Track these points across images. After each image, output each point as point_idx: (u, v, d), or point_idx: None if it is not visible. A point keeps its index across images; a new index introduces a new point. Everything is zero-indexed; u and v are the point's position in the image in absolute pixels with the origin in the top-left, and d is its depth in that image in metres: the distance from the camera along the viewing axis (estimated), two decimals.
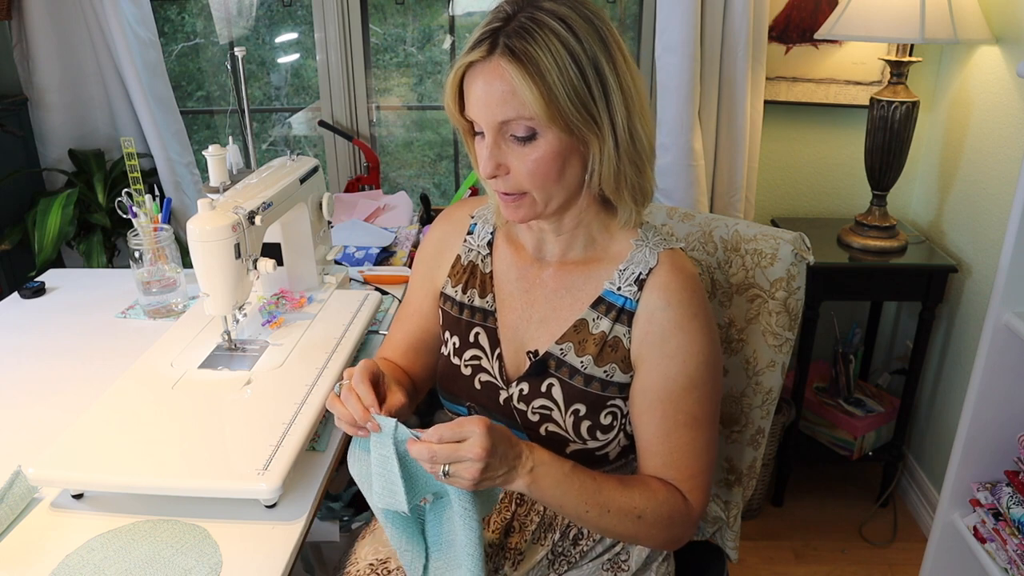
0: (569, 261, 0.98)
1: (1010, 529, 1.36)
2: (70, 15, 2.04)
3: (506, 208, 0.91)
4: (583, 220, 0.95)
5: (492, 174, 0.87)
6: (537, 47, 0.80)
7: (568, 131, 0.84)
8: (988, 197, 1.81)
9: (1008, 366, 1.37)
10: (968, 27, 1.69)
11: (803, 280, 1.09)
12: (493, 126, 0.85)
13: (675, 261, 0.93)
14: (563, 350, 0.96)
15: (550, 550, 1.02)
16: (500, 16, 0.84)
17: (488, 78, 0.83)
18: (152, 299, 1.43)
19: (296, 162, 1.37)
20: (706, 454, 0.95)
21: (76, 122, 2.15)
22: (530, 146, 0.85)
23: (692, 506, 0.94)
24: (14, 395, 1.19)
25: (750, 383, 1.12)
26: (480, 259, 1.04)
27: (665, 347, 0.91)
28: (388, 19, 2.38)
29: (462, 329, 1.03)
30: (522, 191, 0.88)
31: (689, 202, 2.00)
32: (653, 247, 0.94)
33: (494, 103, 0.83)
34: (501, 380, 1.00)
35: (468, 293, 1.04)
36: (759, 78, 1.96)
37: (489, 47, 0.82)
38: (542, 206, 0.89)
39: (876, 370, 2.34)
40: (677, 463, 0.93)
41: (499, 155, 0.86)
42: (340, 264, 1.60)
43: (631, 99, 0.85)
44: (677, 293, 0.91)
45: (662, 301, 0.91)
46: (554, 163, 0.85)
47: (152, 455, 0.96)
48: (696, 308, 0.91)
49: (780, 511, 2.16)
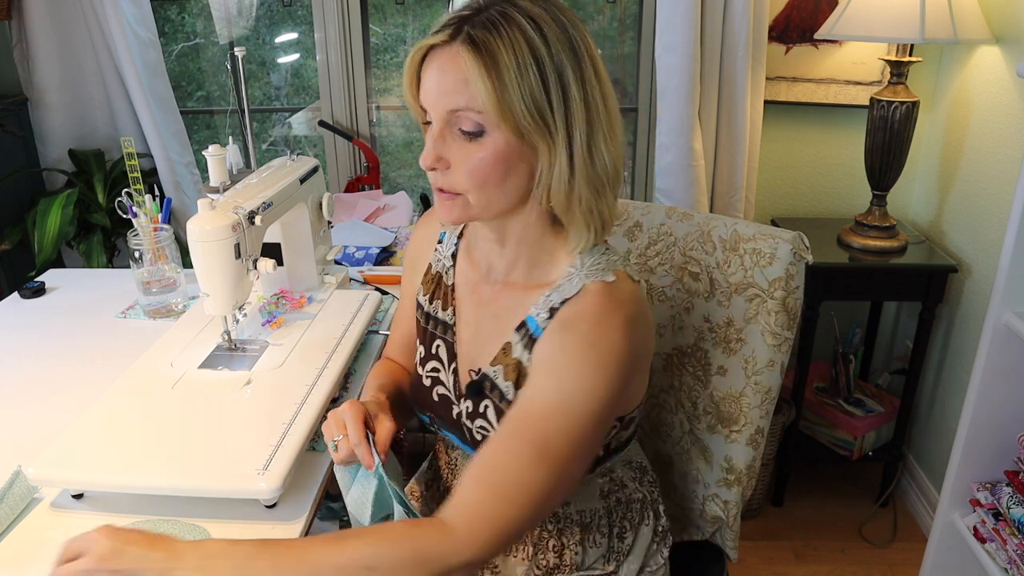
0: (511, 281, 0.93)
1: (1010, 529, 1.36)
2: (70, 15, 2.04)
3: (440, 206, 0.87)
4: (526, 237, 0.89)
5: (431, 166, 0.83)
6: (500, 41, 0.77)
7: (518, 134, 0.79)
8: (988, 197, 1.81)
9: (1008, 366, 1.37)
10: (968, 27, 1.69)
11: (802, 279, 1.09)
12: (441, 115, 0.81)
13: (598, 291, 0.85)
14: (495, 372, 0.92)
15: (531, 566, 0.99)
16: (472, 6, 0.81)
17: (444, 64, 0.80)
18: (152, 299, 1.43)
19: (296, 162, 1.37)
20: (527, 491, 0.78)
21: (76, 122, 2.15)
22: (476, 143, 0.81)
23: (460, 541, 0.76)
24: (14, 395, 1.19)
25: (749, 383, 1.12)
26: (445, 270, 1.02)
27: (545, 365, 0.84)
28: (388, 19, 2.38)
29: (427, 340, 1.02)
30: (458, 191, 0.84)
31: (689, 202, 2.00)
32: (583, 277, 0.86)
33: (446, 90, 0.80)
34: (454, 395, 0.98)
35: (434, 304, 1.02)
36: (759, 78, 1.96)
37: (452, 33, 0.79)
38: (478, 209, 0.85)
39: (876, 370, 2.34)
40: (483, 477, 0.80)
41: (443, 147, 0.82)
42: (340, 264, 1.60)
43: (595, 115, 0.81)
44: (580, 322, 0.83)
45: (559, 325, 0.85)
46: (497, 166, 0.81)
47: (152, 455, 0.96)
48: (596, 338, 0.82)
49: (780, 511, 2.16)
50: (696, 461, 1.20)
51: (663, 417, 1.23)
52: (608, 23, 2.32)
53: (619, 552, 1.02)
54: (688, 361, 1.18)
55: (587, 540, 1.00)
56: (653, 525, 1.06)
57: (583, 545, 1.00)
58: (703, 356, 1.16)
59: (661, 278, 1.20)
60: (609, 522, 1.01)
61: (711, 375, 1.15)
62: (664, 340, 1.21)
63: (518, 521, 0.78)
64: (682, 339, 1.18)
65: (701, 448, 1.19)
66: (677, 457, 1.23)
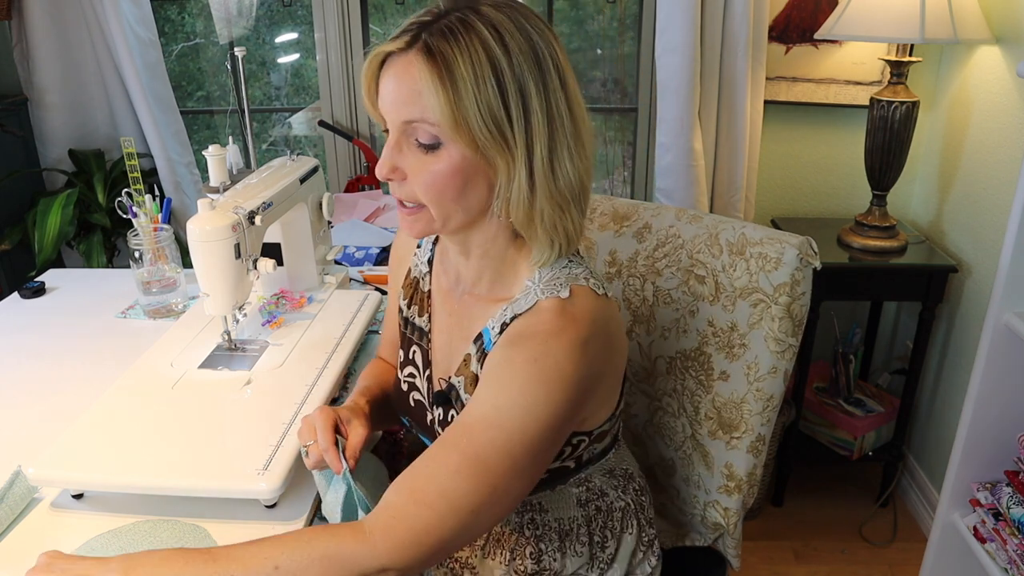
0: (476, 294, 0.92)
1: (1010, 529, 1.36)
2: (70, 15, 2.04)
3: (402, 220, 0.85)
4: (489, 251, 0.87)
5: (387, 176, 0.81)
6: (457, 51, 0.74)
7: (475, 148, 0.76)
8: (988, 197, 1.81)
9: (1008, 366, 1.37)
10: (968, 27, 1.69)
11: (809, 286, 1.07)
12: (397, 125, 0.79)
13: (549, 310, 0.82)
14: (459, 383, 0.91)
15: (508, 569, 0.97)
16: (433, 11, 0.78)
17: (399, 73, 0.77)
18: (152, 299, 1.43)
19: (296, 162, 1.37)
20: (450, 499, 0.75)
21: (76, 122, 2.15)
22: (432, 155, 0.78)
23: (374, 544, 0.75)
24: (14, 395, 1.19)
25: (751, 389, 1.11)
26: (422, 276, 1.01)
27: (488, 378, 0.82)
28: (388, 19, 2.38)
29: (405, 345, 1.02)
30: (417, 203, 0.82)
31: (689, 202, 2.00)
32: (538, 292, 0.83)
33: (400, 101, 0.77)
34: (427, 401, 0.98)
35: (412, 309, 1.01)
36: (759, 78, 1.96)
37: (409, 40, 0.76)
38: (439, 223, 0.82)
39: (876, 370, 2.34)
40: (407, 483, 0.78)
41: (399, 158, 0.80)
42: (340, 264, 1.60)
43: (558, 130, 0.78)
44: (528, 339, 0.80)
45: (507, 340, 0.83)
46: (453, 179, 0.78)
47: (152, 455, 0.96)
48: (540, 356, 0.78)
49: (780, 511, 2.16)
50: (697, 466, 1.19)
51: (666, 421, 1.23)
52: (608, 23, 2.32)
53: (602, 561, 1.01)
54: (691, 365, 1.18)
55: (567, 547, 0.98)
56: (637, 534, 1.03)
57: (562, 552, 0.98)
58: (706, 360, 1.15)
59: (667, 280, 1.19)
60: (589, 530, 0.99)
61: (713, 380, 1.14)
62: (668, 343, 1.20)
63: (439, 530, 0.75)
64: (686, 342, 1.17)
65: (702, 453, 1.18)
66: (680, 461, 1.22)
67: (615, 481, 1.02)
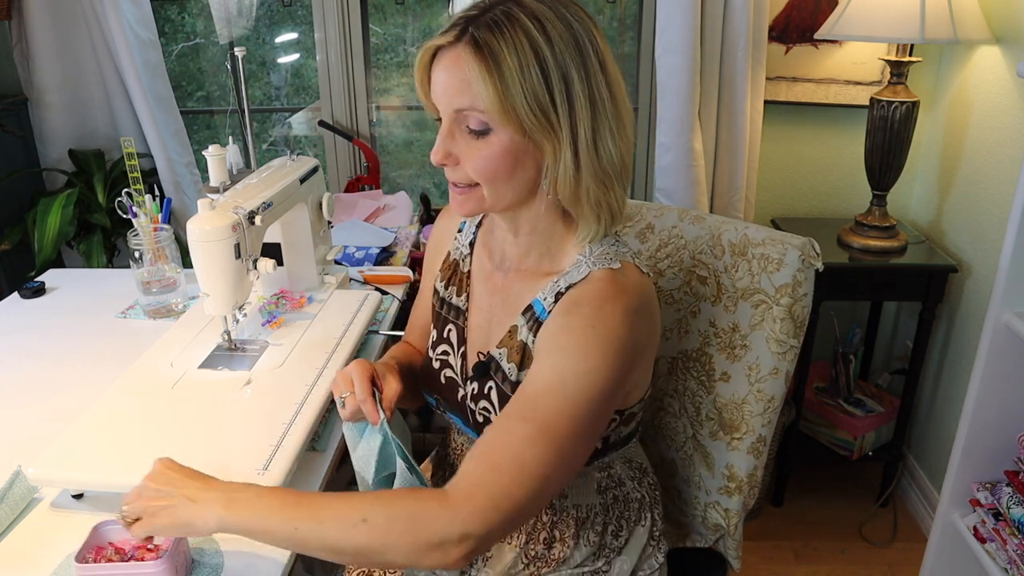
0: (524, 269, 0.96)
1: (1010, 529, 1.36)
2: (70, 15, 2.04)
3: (453, 200, 0.90)
4: (538, 227, 0.92)
5: (441, 162, 0.87)
6: (503, 43, 0.79)
7: (522, 132, 0.82)
8: (988, 197, 1.81)
9: (1008, 366, 1.37)
10: (968, 27, 1.69)
11: (810, 287, 1.07)
12: (449, 113, 0.84)
13: (602, 278, 0.87)
14: (501, 355, 0.95)
15: (521, 552, 1.00)
16: (478, 6, 0.83)
17: (449, 65, 0.82)
18: (152, 299, 1.43)
19: (296, 162, 1.37)
20: (525, 467, 0.79)
21: (76, 122, 2.15)
22: (483, 140, 0.83)
23: (453, 511, 0.77)
24: (14, 395, 1.19)
25: (752, 390, 1.11)
26: (462, 258, 1.05)
27: (546, 345, 0.87)
28: (388, 19, 2.38)
29: (440, 324, 1.06)
30: (471, 183, 0.87)
31: (689, 202, 2.00)
32: (590, 264, 0.89)
33: (451, 91, 0.82)
34: (460, 377, 1.01)
35: (449, 290, 1.06)
36: (759, 78, 1.96)
37: (457, 34, 0.81)
38: (490, 202, 0.88)
39: (876, 370, 2.34)
40: (483, 453, 0.81)
41: (451, 144, 0.85)
42: (340, 264, 1.60)
43: (600, 112, 0.83)
44: (584, 305, 0.86)
45: (563, 308, 0.88)
46: (504, 162, 0.84)
47: (152, 455, 0.95)
48: (597, 321, 0.84)
49: (780, 511, 2.16)
50: (698, 467, 1.19)
51: (667, 421, 1.23)
52: (608, 23, 2.32)
53: (611, 549, 1.03)
54: (692, 366, 1.18)
55: (581, 536, 1.01)
56: (649, 527, 1.06)
57: (575, 540, 1.00)
58: (707, 361, 1.15)
59: (669, 281, 1.19)
60: (605, 519, 1.02)
61: (715, 381, 1.15)
62: (670, 343, 1.20)
63: (517, 498, 0.79)
64: (687, 343, 1.17)
65: (703, 454, 1.18)
66: (680, 462, 1.22)
67: (633, 472, 1.05)
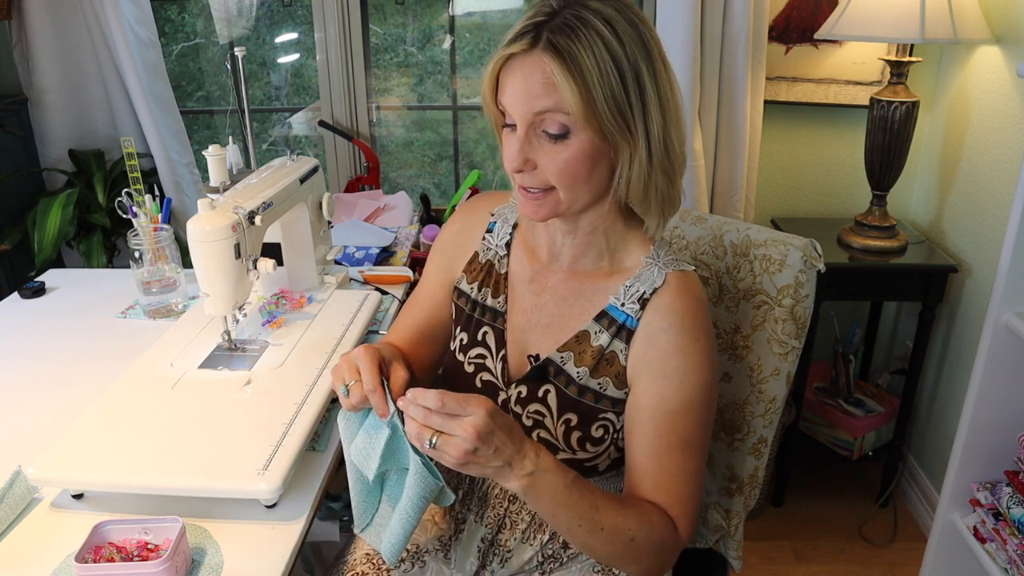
0: (579, 270, 0.97)
1: (1010, 529, 1.36)
2: (70, 15, 2.04)
3: (527, 205, 0.90)
4: (600, 227, 0.94)
5: (519, 168, 0.86)
6: (580, 46, 0.80)
7: (601, 135, 0.83)
8: (988, 197, 1.81)
9: (1008, 366, 1.37)
10: (968, 27, 1.69)
11: (812, 288, 1.07)
12: (527, 118, 0.84)
13: (682, 283, 0.92)
14: (563, 358, 0.95)
15: (539, 551, 1.01)
16: (545, 10, 0.83)
17: (528, 70, 0.82)
18: (152, 299, 1.43)
19: (296, 162, 1.37)
20: (696, 480, 0.92)
21: (76, 122, 2.15)
22: (561, 144, 0.84)
23: (680, 535, 0.90)
24: (14, 395, 1.19)
25: (753, 391, 1.11)
26: (497, 259, 1.04)
27: (663, 368, 0.90)
28: (388, 19, 2.38)
29: (472, 327, 1.03)
30: (548, 187, 0.87)
31: (689, 202, 2.00)
32: (662, 266, 0.93)
33: (533, 94, 0.82)
34: (502, 381, 1.00)
35: (482, 292, 1.04)
36: (759, 78, 1.96)
37: (532, 40, 0.81)
38: (566, 204, 0.88)
39: (876, 370, 2.34)
40: (667, 486, 0.90)
41: (529, 150, 0.85)
42: (340, 264, 1.60)
43: (667, 109, 0.85)
44: (680, 316, 0.90)
45: (664, 322, 0.90)
46: (583, 164, 0.85)
47: (152, 455, 0.96)
48: (698, 332, 0.90)
49: (780, 511, 2.16)
50: None
51: None
52: None
53: None
54: None
55: None
56: None
57: None
58: None
59: None
60: None
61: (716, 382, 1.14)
62: None
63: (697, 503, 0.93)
64: None
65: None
66: None
67: None
